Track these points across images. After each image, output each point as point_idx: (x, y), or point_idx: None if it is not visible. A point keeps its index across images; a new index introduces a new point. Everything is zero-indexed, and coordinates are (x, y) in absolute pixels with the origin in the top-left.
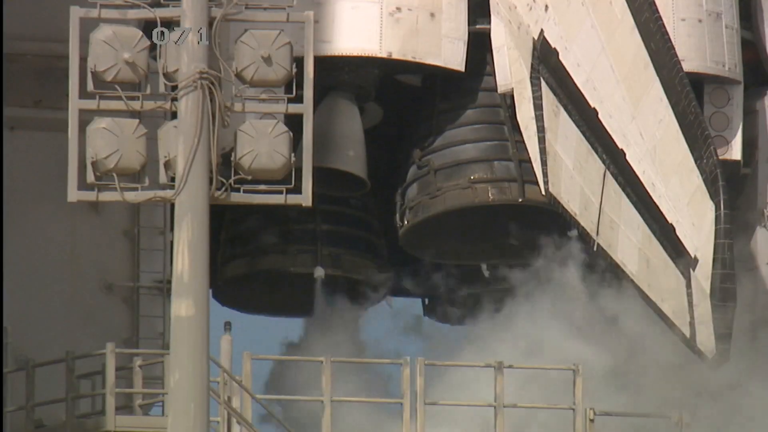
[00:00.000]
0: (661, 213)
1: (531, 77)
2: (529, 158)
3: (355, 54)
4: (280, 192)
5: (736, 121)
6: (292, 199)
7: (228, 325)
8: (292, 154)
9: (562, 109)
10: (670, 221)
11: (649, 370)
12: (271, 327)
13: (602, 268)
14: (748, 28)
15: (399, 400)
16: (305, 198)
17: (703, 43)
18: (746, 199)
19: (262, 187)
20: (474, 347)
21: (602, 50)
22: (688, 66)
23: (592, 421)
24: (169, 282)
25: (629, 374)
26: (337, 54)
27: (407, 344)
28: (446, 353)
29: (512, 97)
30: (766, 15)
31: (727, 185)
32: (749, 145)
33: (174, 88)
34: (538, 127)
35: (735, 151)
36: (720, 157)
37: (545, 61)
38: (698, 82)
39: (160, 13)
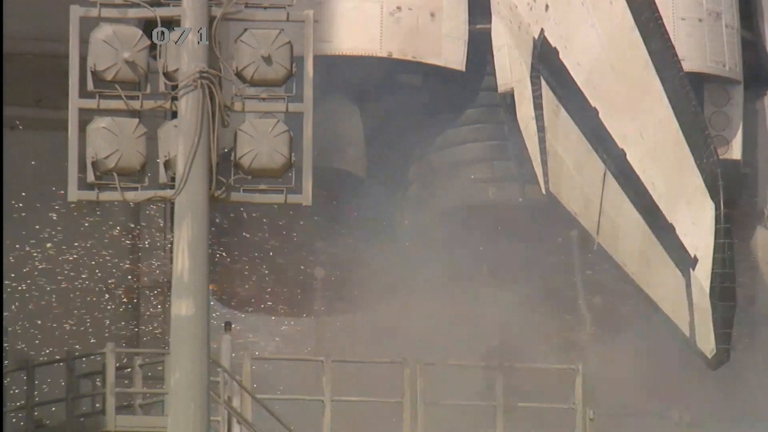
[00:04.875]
0: (661, 212)
1: (531, 77)
2: (529, 158)
3: (355, 53)
4: (280, 191)
5: (736, 121)
6: (293, 199)
7: (228, 325)
8: (292, 154)
9: (562, 109)
10: (669, 221)
11: None
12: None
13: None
14: (748, 27)
15: (399, 399)
16: (305, 198)
17: (703, 42)
18: (746, 199)
19: (262, 186)
20: None
21: (602, 50)
22: (688, 65)
23: (592, 420)
24: (169, 282)
25: None
26: (337, 53)
27: None
28: None
29: (512, 96)
30: (766, 15)
31: (727, 185)
32: (749, 145)
33: (174, 87)
34: (538, 126)
35: (735, 151)
36: (720, 157)
37: (545, 61)
38: (698, 82)
39: (160, 12)
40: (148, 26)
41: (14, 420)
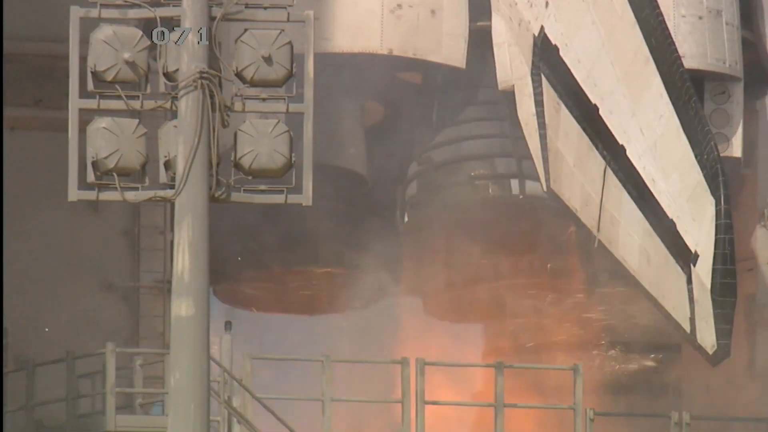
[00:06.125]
0: (662, 208)
1: (531, 74)
2: (530, 155)
3: (355, 51)
4: (281, 192)
5: (737, 118)
6: (293, 199)
7: (228, 325)
8: (293, 154)
9: (562, 106)
10: (670, 217)
11: None
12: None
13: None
14: (748, 27)
15: (399, 400)
16: (305, 198)
17: (704, 40)
18: (746, 199)
19: (263, 186)
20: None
21: (603, 46)
22: (688, 63)
23: (592, 420)
24: (169, 282)
25: None
26: (337, 51)
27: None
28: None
29: (513, 93)
30: (766, 15)
31: (728, 182)
32: (749, 145)
33: (174, 87)
34: (538, 123)
35: (735, 148)
36: (720, 154)
37: (546, 58)
38: (699, 79)
39: (160, 12)
40: (148, 26)
41: (14, 420)
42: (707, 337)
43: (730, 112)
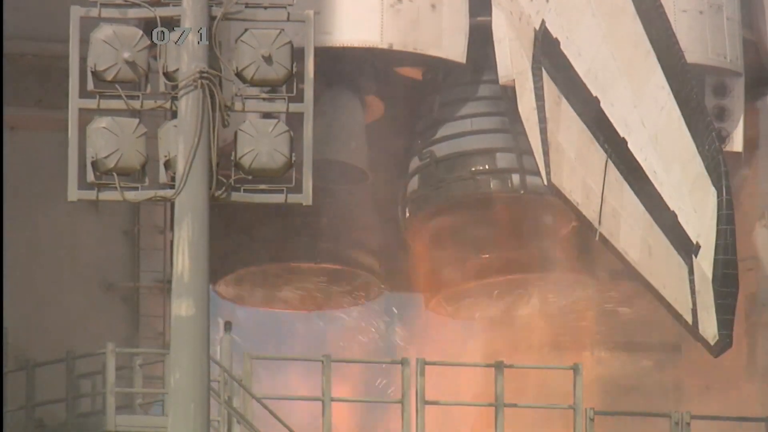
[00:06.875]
0: (663, 200)
1: (532, 67)
2: (531, 149)
3: (356, 45)
4: (281, 191)
5: (738, 113)
6: (293, 198)
7: (228, 325)
8: (293, 154)
9: (563, 99)
10: (672, 208)
11: None
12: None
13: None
14: (749, 27)
15: (399, 400)
16: (305, 197)
17: (705, 34)
18: (746, 199)
19: (263, 186)
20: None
21: (603, 39)
22: (689, 58)
23: (592, 420)
24: (169, 281)
25: None
26: (338, 45)
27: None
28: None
29: (513, 88)
30: (766, 15)
31: (729, 174)
32: (749, 146)
33: (174, 87)
34: (539, 117)
35: (736, 143)
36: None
37: (547, 51)
38: (699, 74)
39: (160, 12)
40: (148, 26)
41: (14, 420)
42: (709, 327)
43: (731, 107)
